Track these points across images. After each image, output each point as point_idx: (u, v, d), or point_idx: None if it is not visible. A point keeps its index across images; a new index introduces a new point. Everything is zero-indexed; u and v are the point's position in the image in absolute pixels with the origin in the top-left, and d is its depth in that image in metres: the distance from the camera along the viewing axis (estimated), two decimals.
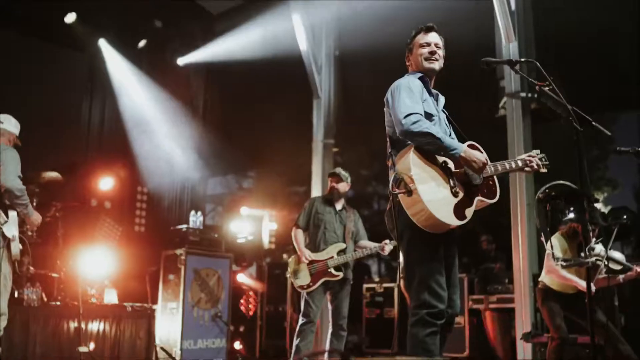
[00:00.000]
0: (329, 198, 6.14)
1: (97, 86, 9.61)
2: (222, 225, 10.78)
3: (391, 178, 3.23)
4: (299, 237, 5.96)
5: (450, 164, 3.28)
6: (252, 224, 10.23)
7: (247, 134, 10.52)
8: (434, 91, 3.58)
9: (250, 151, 10.76)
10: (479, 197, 3.30)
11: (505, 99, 7.76)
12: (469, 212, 3.22)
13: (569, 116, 3.06)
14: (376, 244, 5.92)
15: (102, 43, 9.64)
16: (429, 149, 3.20)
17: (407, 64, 3.63)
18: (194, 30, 10.74)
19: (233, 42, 10.13)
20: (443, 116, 3.56)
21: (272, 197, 12.14)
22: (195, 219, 8.22)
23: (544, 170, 3.54)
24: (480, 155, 3.25)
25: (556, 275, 5.34)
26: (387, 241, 5.85)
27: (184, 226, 8.03)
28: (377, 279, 9.19)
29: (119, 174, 9.10)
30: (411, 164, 3.15)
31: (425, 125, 3.15)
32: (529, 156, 3.53)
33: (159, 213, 9.81)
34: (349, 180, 6.16)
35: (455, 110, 3.71)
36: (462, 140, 3.51)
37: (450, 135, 3.53)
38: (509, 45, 7.65)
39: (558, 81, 3.14)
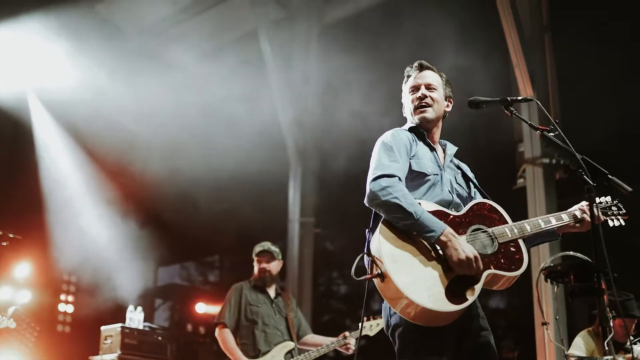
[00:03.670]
0: (259, 284, 5.86)
1: (18, 147, 9.54)
2: (170, 324, 10.52)
3: (358, 258, 3.00)
4: (229, 341, 5.61)
5: None
6: (210, 323, 9.95)
7: (212, 209, 10.32)
8: (441, 142, 3.44)
9: (216, 233, 10.56)
10: (491, 271, 2.98)
11: (524, 166, 7.75)
12: (473, 292, 2.91)
13: (579, 168, 2.94)
14: (333, 339, 5.62)
15: (29, 94, 9.60)
16: (399, 226, 2.97)
17: (404, 115, 3.50)
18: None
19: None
20: (453, 173, 3.38)
21: None
22: (134, 316, 7.94)
23: (616, 222, 3.29)
24: (467, 248, 2.92)
25: None
26: (346, 333, 5.59)
27: (118, 325, 7.74)
28: None
29: (39, 258, 8.87)
30: (381, 237, 2.94)
31: (396, 194, 2.94)
32: (584, 207, 3.24)
33: (90, 308, 9.54)
34: (281, 257, 5.94)
35: None
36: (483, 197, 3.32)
37: (469, 193, 3.36)
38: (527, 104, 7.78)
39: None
